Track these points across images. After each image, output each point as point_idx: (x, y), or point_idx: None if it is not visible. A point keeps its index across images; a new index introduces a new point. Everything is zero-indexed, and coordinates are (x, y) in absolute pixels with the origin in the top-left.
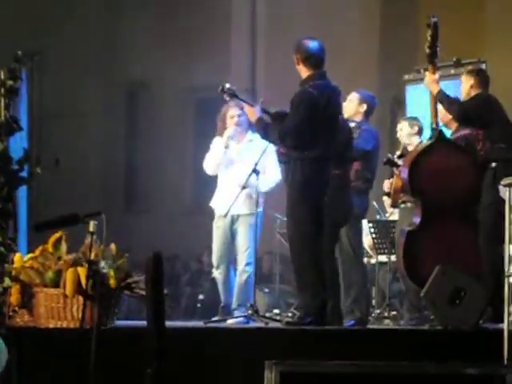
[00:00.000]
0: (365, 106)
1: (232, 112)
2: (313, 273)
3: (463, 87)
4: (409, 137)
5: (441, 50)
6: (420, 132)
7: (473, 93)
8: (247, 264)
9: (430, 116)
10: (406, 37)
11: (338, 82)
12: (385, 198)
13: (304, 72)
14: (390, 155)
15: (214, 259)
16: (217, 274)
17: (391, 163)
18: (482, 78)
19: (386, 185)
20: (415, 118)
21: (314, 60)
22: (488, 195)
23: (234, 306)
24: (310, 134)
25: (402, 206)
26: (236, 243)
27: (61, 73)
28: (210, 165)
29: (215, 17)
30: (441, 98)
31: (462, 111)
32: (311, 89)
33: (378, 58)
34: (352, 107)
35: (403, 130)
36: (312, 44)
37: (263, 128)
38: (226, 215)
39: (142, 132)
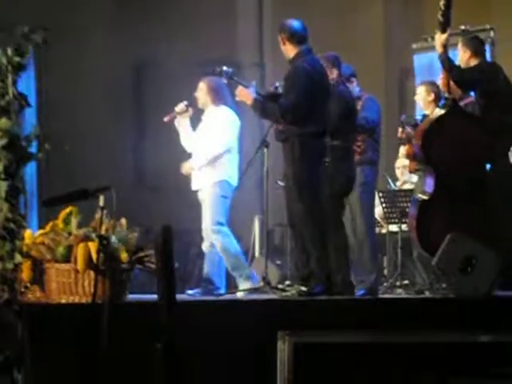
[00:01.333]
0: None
1: None
2: (317, 245)
3: (461, 56)
4: (425, 103)
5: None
6: (437, 99)
7: (472, 63)
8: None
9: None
10: (412, 5)
11: (343, 52)
12: (397, 164)
13: (291, 50)
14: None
15: None
16: None
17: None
18: (477, 47)
19: (403, 151)
20: (434, 84)
21: (299, 37)
22: (499, 162)
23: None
24: (306, 109)
25: (418, 173)
26: None
27: (68, 48)
28: None
29: None
30: (443, 60)
31: (461, 77)
32: (305, 64)
33: (384, 26)
34: None
35: (420, 95)
36: (295, 23)
37: (261, 108)
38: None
39: (150, 107)
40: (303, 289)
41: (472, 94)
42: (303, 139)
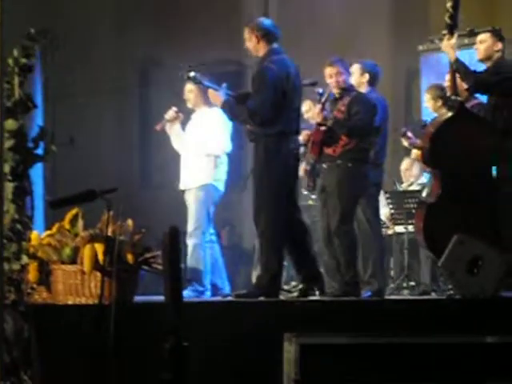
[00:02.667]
0: (367, 76)
1: None
2: (270, 247)
3: (487, 46)
4: (434, 109)
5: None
6: (445, 102)
7: (495, 56)
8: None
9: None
10: (419, 6)
11: (350, 54)
12: (402, 166)
13: (262, 49)
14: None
15: None
16: None
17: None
18: (504, 43)
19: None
20: (438, 88)
21: (272, 36)
22: (506, 164)
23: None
24: (273, 110)
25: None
26: None
27: (74, 49)
28: None
29: None
30: (458, 66)
31: (478, 82)
32: (271, 64)
33: (391, 28)
34: (355, 78)
35: (428, 103)
36: (268, 21)
37: (230, 110)
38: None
39: (155, 108)
40: (242, 292)
41: (477, 95)
42: (269, 140)
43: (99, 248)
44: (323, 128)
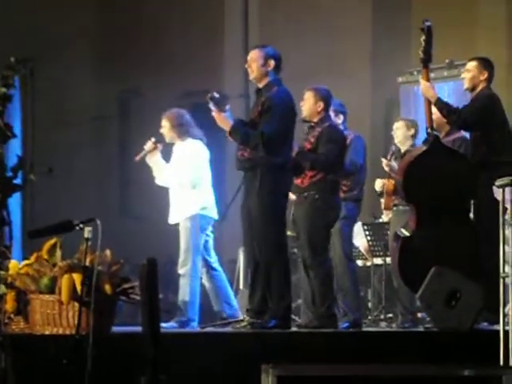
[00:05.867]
0: (341, 117)
1: None
2: (281, 276)
3: (472, 75)
4: (404, 138)
5: (433, 53)
6: (415, 136)
7: (480, 85)
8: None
9: (424, 119)
10: (399, 39)
11: (329, 84)
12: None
13: (270, 76)
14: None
15: None
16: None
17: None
18: (491, 72)
19: (379, 184)
20: (413, 120)
21: (280, 66)
22: (483, 197)
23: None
24: (282, 139)
25: (395, 208)
26: None
27: (54, 79)
28: None
29: (209, 24)
30: (440, 105)
31: (461, 121)
32: (281, 94)
33: (371, 60)
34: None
35: (400, 130)
36: (278, 52)
37: (242, 133)
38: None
39: (136, 138)
40: (257, 321)
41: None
42: (275, 169)
43: (77, 278)
44: None
